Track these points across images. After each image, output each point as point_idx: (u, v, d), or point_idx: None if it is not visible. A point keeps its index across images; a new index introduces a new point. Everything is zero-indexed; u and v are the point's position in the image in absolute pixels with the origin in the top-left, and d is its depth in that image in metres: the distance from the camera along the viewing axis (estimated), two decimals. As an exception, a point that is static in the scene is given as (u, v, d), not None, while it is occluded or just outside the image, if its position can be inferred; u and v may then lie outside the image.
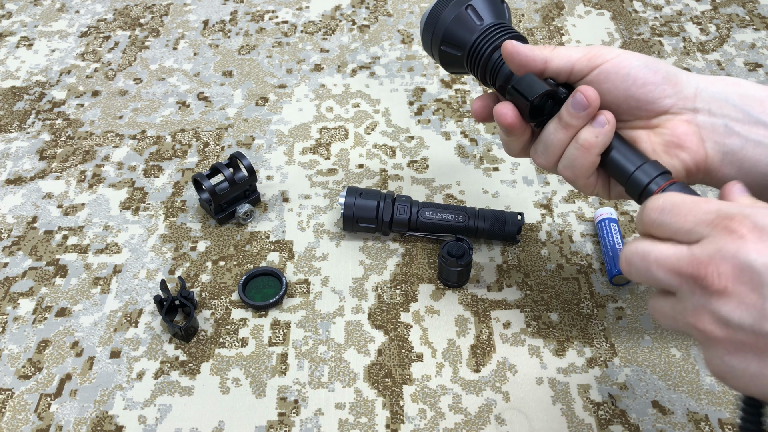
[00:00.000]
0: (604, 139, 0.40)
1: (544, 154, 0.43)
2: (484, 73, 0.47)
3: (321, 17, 0.88)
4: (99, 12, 0.90)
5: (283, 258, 0.60)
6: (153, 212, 0.64)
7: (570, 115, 0.40)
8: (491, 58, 0.46)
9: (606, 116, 0.40)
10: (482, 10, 0.47)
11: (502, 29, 0.46)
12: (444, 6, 0.48)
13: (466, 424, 0.49)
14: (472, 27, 0.47)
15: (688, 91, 0.41)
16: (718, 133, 0.40)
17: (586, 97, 0.39)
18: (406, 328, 0.55)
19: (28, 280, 0.59)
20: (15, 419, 0.50)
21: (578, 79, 0.41)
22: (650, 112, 0.41)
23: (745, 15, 0.87)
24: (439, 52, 0.49)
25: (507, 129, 0.43)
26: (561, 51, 0.42)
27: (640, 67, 0.40)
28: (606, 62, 0.41)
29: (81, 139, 0.72)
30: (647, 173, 0.39)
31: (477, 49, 0.46)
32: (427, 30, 0.50)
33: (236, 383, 0.52)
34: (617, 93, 0.41)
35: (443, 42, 0.48)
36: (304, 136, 0.71)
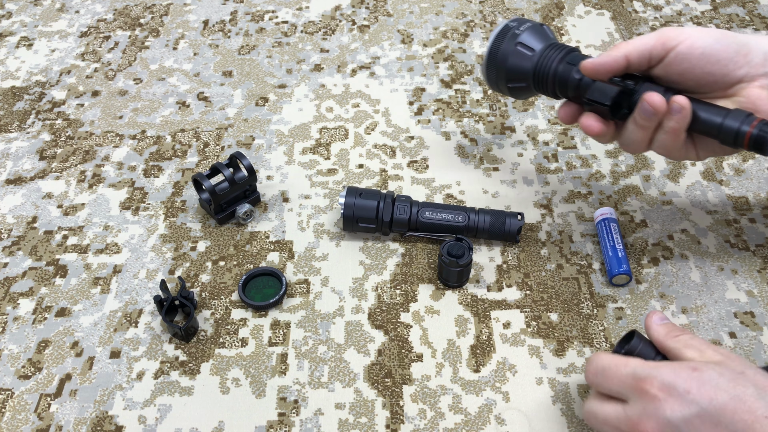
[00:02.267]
0: (685, 121, 0.45)
1: (631, 147, 0.49)
2: (554, 91, 0.53)
3: (321, 17, 0.88)
4: (99, 12, 0.90)
5: (283, 258, 0.60)
6: (153, 212, 0.64)
7: (643, 119, 0.46)
8: (555, 78, 0.52)
9: (680, 102, 0.44)
10: (530, 42, 0.54)
11: (552, 51, 0.53)
12: (496, 52, 0.55)
13: (466, 424, 0.49)
14: (527, 59, 0.54)
15: (758, 59, 0.45)
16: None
17: (651, 105, 0.45)
18: (406, 328, 0.55)
19: (28, 280, 0.59)
20: (15, 419, 0.50)
21: (656, 63, 0.46)
22: (726, 84, 0.46)
23: (745, 15, 0.87)
24: (510, 90, 0.57)
25: (597, 137, 0.49)
26: (635, 43, 0.46)
27: (712, 44, 0.45)
28: (680, 44, 0.45)
29: (81, 139, 0.72)
30: (735, 118, 0.44)
31: (539, 77, 0.53)
32: (490, 78, 0.57)
33: (236, 383, 0.52)
34: (695, 71, 0.45)
35: (509, 80, 0.56)
36: (304, 136, 0.71)
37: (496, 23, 0.86)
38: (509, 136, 0.71)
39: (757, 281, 0.57)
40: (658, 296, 0.56)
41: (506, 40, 0.55)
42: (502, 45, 0.55)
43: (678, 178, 0.66)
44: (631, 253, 0.60)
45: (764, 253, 0.59)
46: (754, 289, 0.56)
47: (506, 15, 0.88)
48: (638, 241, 0.61)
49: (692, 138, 0.48)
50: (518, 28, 0.55)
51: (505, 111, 0.74)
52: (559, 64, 0.52)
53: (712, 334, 0.54)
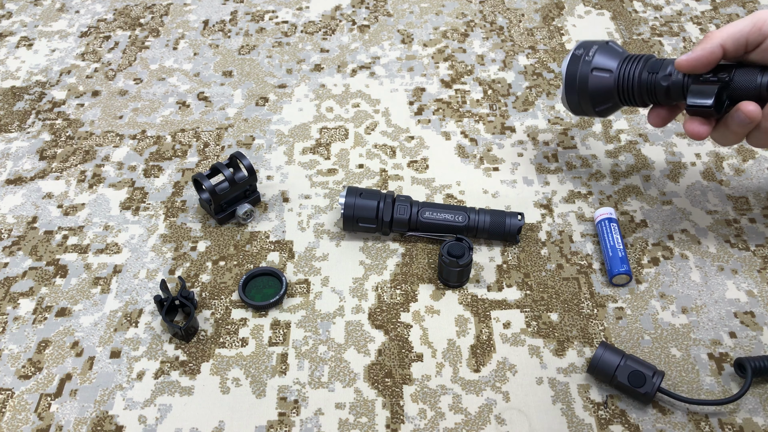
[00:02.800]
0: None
1: (726, 142, 0.49)
2: (642, 100, 0.54)
3: (321, 17, 0.88)
4: (99, 12, 0.90)
5: (283, 258, 0.60)
6: (153, 212, 0.64)
7: (738, 126, 0.46)
8: (642, 90, 0.52)
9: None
10: (603, 64, 0.54)
11: (627, 65, 0.53)
12: (573, 82, 0.56)
13: (466, 424, 0.49)
14: (606, 82, 0.54)
15: None
16: None
17: (746, 115, 0.45)
18: (406, 328, 0.55)
19: (28, 280, 0.59)
20: (15, 419, 0.50)
21: (753, 48, 0.45)
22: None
23: (745, 15, 0.87)
24: (597, 113, 0.57)
25: (702, 139, 0.49)
26: (730, 30, 0.46)
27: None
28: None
29: (81, 139, 0.72)
30: None
31: (623, 94, 0.54)
32: (573, 109, 0.58)
33: (236, 383, 0.52)
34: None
35: (595, 105, 0.56)
36: (304, 136, 0.71)
37: (496, 23, 0.86)
38: (509, 136, 0.71)
39: (757, 281, 0.57)
40: (658, 296, 0.56)
41: (580, 67, 0.55)
42: (579, 73, 0.55)
43: (678, 178, 0.66)
44: (631, 253, 0.60)
45: (764, 253, 0.59)
46: (754, 289, 0.56)
47: (506, 15, 0.88)
48: (638, 241, 0.61)
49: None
50: (588, 54, 0.55)
51: (505, 111, 0.74)
52: (641, 76, 0.52)
53: (712, 334, 0.54)
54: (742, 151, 0.69)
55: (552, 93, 0.76)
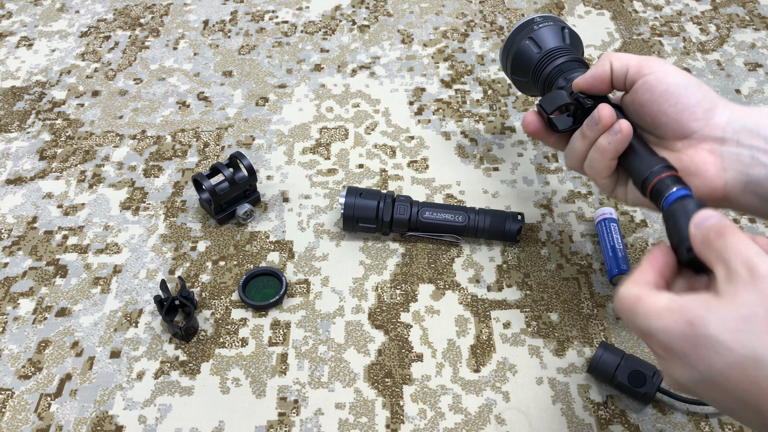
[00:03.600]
0: (617, 146, 0.43)
1: (569, 157, 0.48)
2: (542, 91, 0.54)
3: (321, 17, 0.88)
4: (99, 12, 0.90)
5: (283, 258, 0.60)
6: (153, 212, 0.64)
7: (587, 127, 0.44)
8: (546, 81, 0.53)
9: (621, 126, 0.42)
10: (540, 41, 0.55)
11: (555, 55, 0.53)
12: (512, 42, 0.57)
13: (466, 424, 0.49)
14: (531, 58, 0.55)
15: (719, 119, 0.41)
16: (743, 164, 0.40)
17: (599, 115, 0.43)
18: (406, 328, 0.55)
19: (28, 280, 0.59)
20: (15, 419, 0.50)
21: (631, 83, 0.44)
22: (676, 132, 0.42)
23: (745, 15, 0.87)
24: (513, 81, 0.59)
25: (532, 134, 0.49)
26: (622, 55, 0.45)
27: (679, 85, 0.42)
28: (651, 73, 0.42)
29: (81, 139, 0.72)
30: (648, 165, 0.41)
31: (537, 76, 0.54)
32: (503, 62, 0.60)
33: (236, 383, 0.52)
34: (652, 106, 0.42)
35: (512, 72, 0.58)
36: (304, 136, 0.71)
37: (496, 23, 0.86)
38: (509, 136, 0.71)
39: (757, 281, 0.57)
40: (658, 296, 0.56)
41: (523, 31, 0.56)
42: (518, 36, 0.56)
43: (678, 178, 0.66)
44: (631, 253, 0.60)
45: (764, 253, 0.59)
46: (754, 289, 0.56)
47: (506, 15, 0.88)
48: (638, 241, 0.61)
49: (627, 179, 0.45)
50: (539, 24, 0.55)
51: (505, 111, 0.74)
52: (555, 68, 0.52)
53: (712, 334, 0.54)
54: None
55: (552, 93, 0.76)
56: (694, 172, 0.41)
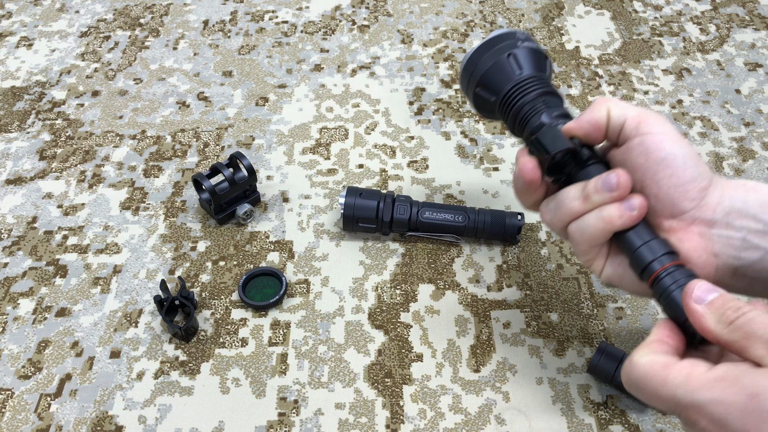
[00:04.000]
0: (627, 223, 0.38)
1: (555, 214, 0.41)
2: (513, 122, 0.47)
3: (321, 17, 0.88)
4: (99, 12, 0.90)
5: (283, 258, 0.60)
6: (153, 212, 0.64)
7: (596, 190, 0.39)
8: (522, 109, 0.45)
9: (639, 202, 0.38)
10: (523, 60, 0.47)
11: (538, 82, 0.46)
12: (486, 50, 0.48)
13: (466, 424, 0.49)
14: (510, 75, 0.47)
15: (711, 200, 0.38)
16: (734, 247, 0.37)
17: (618, 181, 0.38)
18: (406, 328, 0.55)
19: (28, 280, 0.59)
20: (15, 419, 0.50)
21: (626, 139, 0.39)
22: (666, 209, 0.38)
23: (745, 15, 0.87)
24: (474, 95, 0.50)
25: (528, 184, 0.42)
26: (620, 103, 0.40)
27: (677, 156, 0.38)
28: (650, 134, 0.38)
29: (81, 139, 0.72)
30: (653, 250, 0.37)
31: (510, 98, 0.46)
32: (466, 70, 0.50)
33: (236, 383, 0.52)
34: (646, 173, 0.38)
35: (479, 85, 0.49)
36: (304, 136, 0.71)
37: (496, 23, 0.86)
38: (509, 136, 0.71)
39: (757, 281, 0.57)
40: (658, 296, 0.56)
41: (504, 43, 0.48)
42: (498, 46, 0.48)
43: (678, 178, 0.66)
44: (631, 253, 0.60)
45: (764, 253, 0.59)
46: (754, 289, 0.56)
47: (506, 15, 0.88)
48: (638, 241, 0.61)
49: (608, 251, 0.41)
50: (523, 41, 0.48)
51: (505, 111, 0.74)
52: (537, 97, 0.45)
53: (712, 334, 0.54)
54: (742, 151, 0.69)
55: (552, 93, 0.76)
56: (684, 259, 0.37)
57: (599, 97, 0.41)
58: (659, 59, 0.80)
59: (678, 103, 0.74)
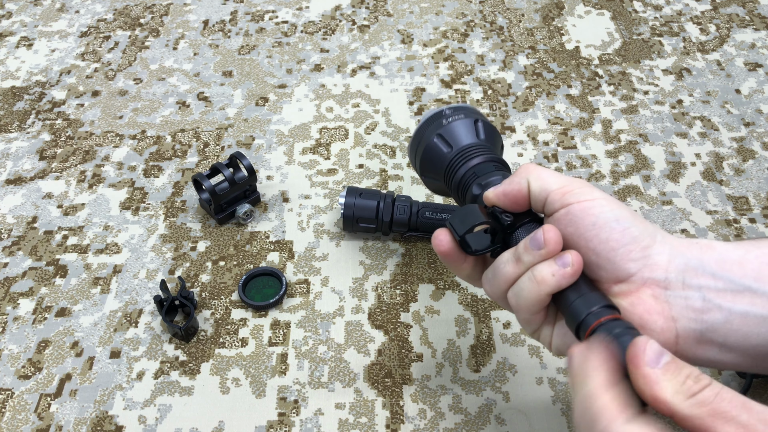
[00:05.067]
0: (561, 281, 0.34)
1: (492, 283, 0.38)
2: (459, 199, 0.46)
3: (321, 17, 0.88)
4: (99, 12, 0.90)
5: (283, 258, 0.60)
6: (153, 212, 0.64)
7: (525, 249, 0.36)
8: (458, 187, 0.44)
9: (573, 258, 0.34)
10: (450, 137, 0.47)
11: (472, 151, 0.45)
12: (418, 140, 0.49)
13: (466, 424, 0.49)
14: (443, 155, 0.47)
15: (660, 258, 0.34)
16: (695, 309, 0.33)
17: (545, 239, 0.35)
18: (406, 328, 0.55)
19: (28, 280, 0.59)
20: (15, 419, 0.50)
21: (552, 211, 0.36)
22: (611, 274, 0.35)
23: (745, 15, 0.87)
24: (424, 181, 0.51)
25: (442, 257, 0.40)
26: (542, 174, 0.37)
27: (609, 219, 0.34)
28: (577, 203, 0.35)
29: (81, 139, 0.72)
30: (589, 303, 0.33)
31: (448, 178, 0.45)
32: (411, 160, 0.51)
33: (236, 383, 0.52)
34: (579, 242, 0.35)
35: (422, 173, 0.50)
36: (304, 136, 0.71)
37: (496, 23, 0.86)
38: (509, 136, 0.71)
39: (757, 281, 0.57)
40: (658, 296, 0.56)
41: (431, 126, 0.48)
42: (426, 131, 0.48)
43: (678, 178, 0.66)
44: (631, 253, 0.60)
45: (764, 253, 0.59)
46: (754, 289, 0.56)
47: (506, 15, 0.88)
48: (638, 241, 0.61)
49: (555, 319, 0.37)
50: (449, 117, 0.47)
51: (505, 111, 0.74)
52: (469, 171, 0.44)
53: (712, 334, 0.54)
54: (742, 151, 0.69)
55: (552, 93, 0.76)
56: (639, 324, 0.33)
57: (523, 165, 0.38)
58: (659, 59, 0.80)
59: (678, 103, 0.74)
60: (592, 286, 0.35)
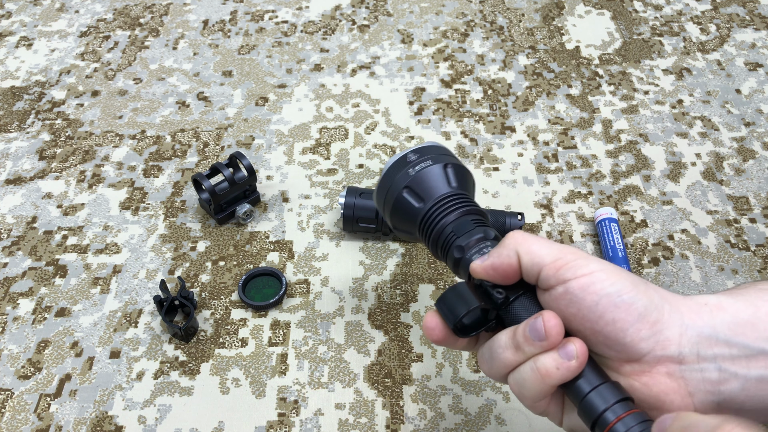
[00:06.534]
0: (566, 374, 0.32)
1: (491, 365, 0.35)
2: (437, 254, 0.42)
3: (321, 17, 0.88)
4: (99, 12, 0.90)
5: (283, 258, 0.60)
6: (153, 212, 0.64)
7: (525, 339, 0.33)
8: (436, 245, 0.41)
9: (577, 349, 0.32)
10: (421, 188, 0.42)
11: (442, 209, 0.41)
12: (384, 191, 0.44)
13: (466, 425, 0.49)
14: (412, 212, 0.42)
15: (671, 332, 0.32)
16: (711, 382, 0.32)
17: (546, 330, 0.32)
18: (406, 328, 0.55)
19: (28, 280, 0.59)
20: (15, 419, 0.50)
21: (548, 287, 0.33)
22: (622, 354, 0.32)
23: (746, 15, 0.87)
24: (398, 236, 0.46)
25: (434, 343, 0.37)
26: (532, 247, 0.34)
27: (612, 296, 0.32)
28: (574, 279, 0.32)
29: (81, 139, 0.72)
30: (604, 398, 0.31)
31: (426, 232, 0.42)
32: (379, 206, 0.46)
33: (236, 383, 0.52)
34: (583, 323, 0.32)
35: (394, 227, 0.45)
36: (304, 136, 0.71)
37: (496, 23, 0.86)
38: (509, 136, 0.71)
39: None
40: (658, 296, 0.56)
41: (398, 176, 0.43)
42: (393, 182, 0.43)
43: (678, 178, 0.66)
44: (631, 253, 0.60)
45: (764, 253, 0.59)
46: (754, 289, 0.56)
47: (506, 15, 0.87)
48: (638, 241, 0.61)
49: (563, 397, 0.35)
50: (414, 165, 0.43)
51: (505, 111, 0.74)
52: (447, 232, 0.40)
53: (712, 334, 0.54)
54: (742, 151, 0.69)
55: (552, 93, 0.76)
56: (655, 405, 0.32)
57: (509, 236, 0.35)
58: (659, 59, 0.80)
59: (678, 103, 0.74)
60: (602, 373, 0.33)
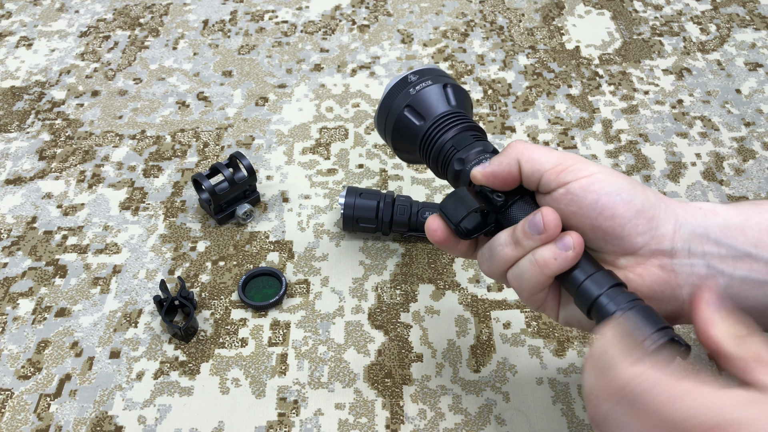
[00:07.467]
0: (563, 264, 0.34)
1: (490, 263, 0.38)
2: (438, 171, 0.44)
3: (321, 17, 0.88)
4: (99, 12, 0.90)
5: (283, 258, 0.60)
6: (153, 212, 0.64)
7: (524, 234, 0.35)
8: (437, 161, 0.42)
9: (574, 240, 0.34)
10: (421, 107, 0.44)
11: (447, 120, 0.42)
12: (388, 107, 0.45)
13: (466, 425, 0.49)
14: (413, 130, 0.44)
15: (666, 229, 0.35)
16: (699, 277, 0.34)
17: (544, 223, 0.34)
18: (406, 328, 0.55)
19: (28, 280, 0.59)
20: (14, 419, 0.50)
21: (549, 190, 0.36)
22: (618, 248, 0.35)
23: (746, 15, 0.87)
24: (397, 154, 0.48)
25: (436, 244, 0.39)
26: (533, 155, 0.36)
27: (611, 193, 0.34)
28: (575, 181, 0.35)
29: (81, 139, 0.72)
30: (598, 283, 0.33)
31: (423, 152, 0.43)
32: (380, 131, 0.48)
33: (236, 383, 0.52)
34: (582, 220, 0.35)
35: (395, 148, 0.47)
36: (304, 136, 0.71)
37: (496, 23, 0.86)
38: (509, 136, 0.71)
39: (758, 281, 0.57)
40: (658, 296, 0.56)
41: (399, 96, 0.45)
42: (394, 102, 0.45)
43: (678, 178, 0.66)
44: (631, 253, 0.60)
45: (764, 253, 0.59)
46: (754, 289, 0.56)
47: (506, 15, 0.87)
48: (638, 241, 0.61)
49: (559, 291, 0.38)
50: (415, 85, 0.44)
51: (505, 111, 0.74)
52: (447, 146, 0.42)
53: (712, 334, 0.54)
54: (742, 151, 0.69)
55: (552, 93, 0.76)
56: (648, 294, 0.34)
57: (512, 143, 0.37)
58: (659, 59, 0.80)
59: (678, 103, 0.74)
60: (596, 263, 0.35)
